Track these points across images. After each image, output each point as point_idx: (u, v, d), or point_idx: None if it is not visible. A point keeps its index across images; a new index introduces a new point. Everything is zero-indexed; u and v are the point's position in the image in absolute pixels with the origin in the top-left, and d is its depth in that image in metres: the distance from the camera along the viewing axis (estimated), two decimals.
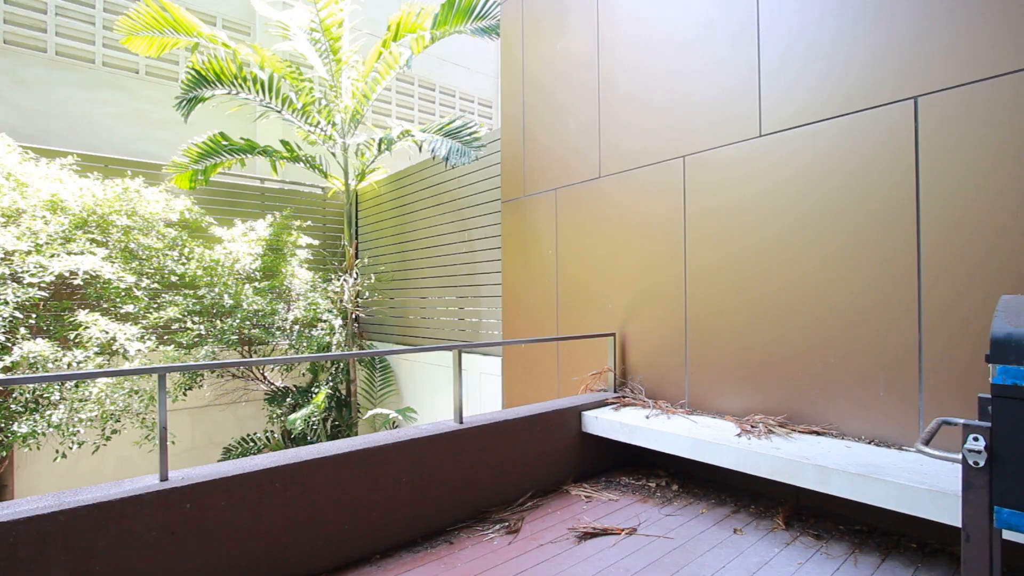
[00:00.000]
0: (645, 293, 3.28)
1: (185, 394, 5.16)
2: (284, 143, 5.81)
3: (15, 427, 3.80)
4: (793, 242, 2.61)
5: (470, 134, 4.92)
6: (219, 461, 6.03)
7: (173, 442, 4.84)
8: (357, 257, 6.60)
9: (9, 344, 3.75)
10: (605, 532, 2.27)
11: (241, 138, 5.55)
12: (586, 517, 2.45)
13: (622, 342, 3.42)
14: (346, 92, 5.89)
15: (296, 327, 5.79)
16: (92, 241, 4.45)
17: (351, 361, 6.34)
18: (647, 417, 2.89)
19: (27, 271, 3.91)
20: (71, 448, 4.10)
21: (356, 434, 6.39)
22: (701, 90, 2.98)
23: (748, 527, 2.33)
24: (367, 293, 6.52)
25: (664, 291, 3.17)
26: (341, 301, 6.13)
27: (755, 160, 2.75)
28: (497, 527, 2.36)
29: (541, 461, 2.83)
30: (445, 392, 5.89)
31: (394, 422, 6.09)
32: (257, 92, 5.30)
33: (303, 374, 6.74)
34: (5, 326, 3.76)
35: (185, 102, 5.15)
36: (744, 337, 2.78)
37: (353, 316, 6.29)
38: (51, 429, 3.96)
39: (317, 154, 6.32)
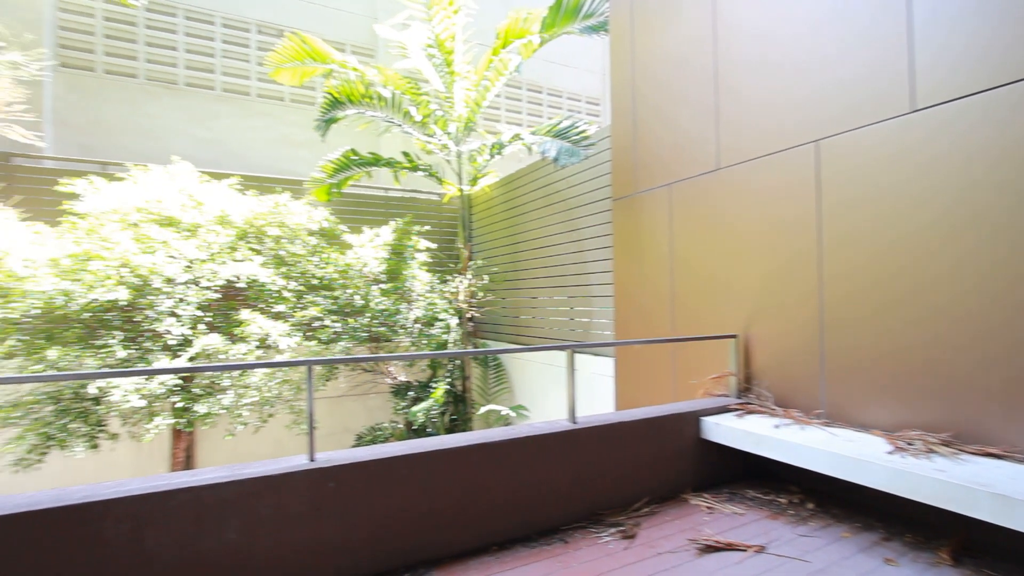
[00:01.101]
0: (772, 291, 3.03)
1: (324, 384, 5.76)
2: (405, 154, 6.25)
3: (196, 407, 4.51)
4: (953, 228, 2.25)
5: (579, 133, 4.91)
6: (352, 446, 6.64)
7: (316, 427, 5.43)
8: (471, 259, 6.89)
9: (192, 338, 4.46)
10: (730, 547, 2.14)
11: (368, 152, 6.07)
12: (707, 529, 2.32)
13: (745, 344, 3.19)
14: (459, 102, 6.17)
15: (417, 325, 6.19)
16: (251, 250, 5.14)
17: (466, 359, 6.63)
18: (776, 427, 2.67)
19: (204, 276, 4.63)
20: (238, 428, 4.77)
21: (471, 428, 6.68)
22: (836, 65, 2.69)
23: (903, 558, 2.06)
24: (481, 293, 6.77)
25: (795, 288, 2.90)
26: (457, 301, 6.44)
27: (904, 139, 2.42)
28: (612, 531, 2.33)
29: (657, 466, 2.74)
30: (556, 391, 5.94)
31: (507, 419, 6.26)
32: (382, 108, 5.76)
33: (423, 369, 7.19)
34: (190, 323, 4.49)
35: (323, 123, 5.76)
36: (893, 341, 2.46)
37: (468, 315, 6.57)
38: (222, 411, 4.64)
39: (434, 162, 6.71)
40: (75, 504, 1.70)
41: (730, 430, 2.74)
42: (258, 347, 4.83)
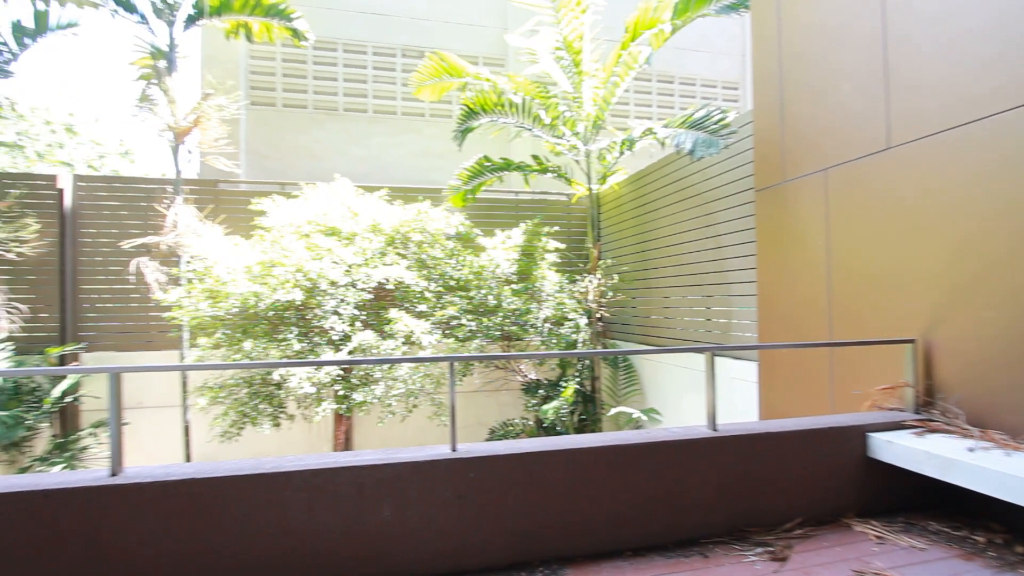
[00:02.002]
0: (963, 288, 2.56)
1: (460, 380, 6.13)
2: (534, 157, 6.40)
3: (354, 395, 5.08)
4: None
5: (718, 121, 4.60)
6: (486, 440, 6.95)
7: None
8: (600, 258, 6.82)
9: (351, 334, 5.03)
10: None
11: (500, 158, 6.32)
12: (878, 562, 2.04)
13: (926, 351, 2.73)
14: (587, 101, 6.15)
15: (547, 325, 6.30)
16: (397, 254, 5.66)
17: (595, 359, 6.58)
18: (970, 450, 2.25)
19: (360, 279, 5.20)
20: (387, 416, 5.28)
21: (600, 429, 6.61)
22: None
23: None
24: (610, 293, 6.68)
25: (995, 285, 2.42)
26: (586, 301, 6.43)
27: None
28: (759, 550, 2.16)
29: (811, 484, 2.47)
30: (690, 396, 5.63)
31: (638, 422, 6.10)
32: (513, 115, 5.97)
33: (552, 368, 7.29)
34: (349, 321, 5.07)
35: (459, 133, 6.13)
36: None
37: (597, 315, 6.52)
38: (375, 400, 5.17)
39: (562, 163, 6.77)
40: (266, 472, 2.02)
41: (907, 450, 2.37)
42: (404, 343, 5.29)
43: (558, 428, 6.35)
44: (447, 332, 5.92)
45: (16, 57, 5.56)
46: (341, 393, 5.07)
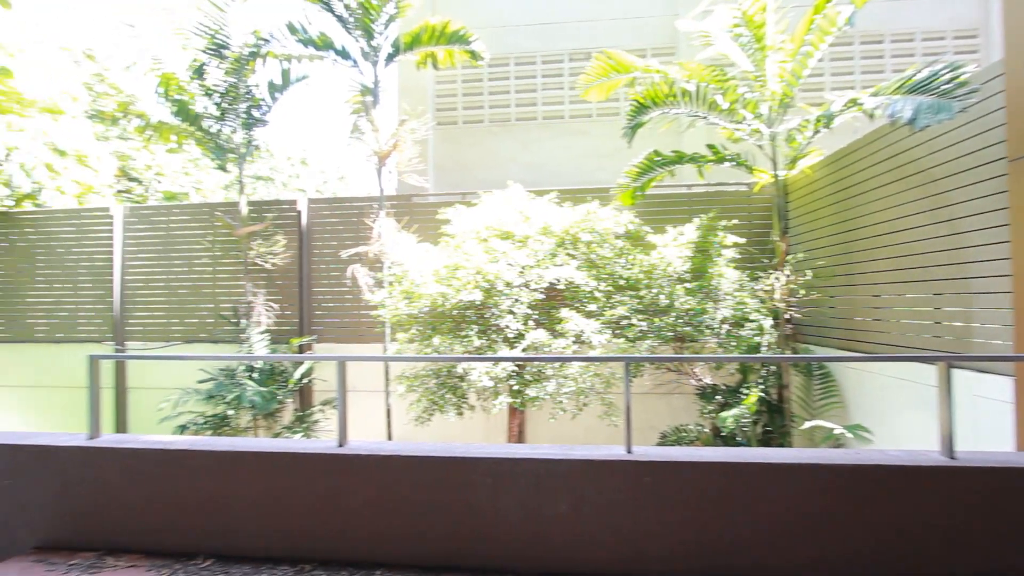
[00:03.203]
0: None
1: (631, 381, 6.01)
2: (710, 147, 5.98)
3: (527, 391, 5.34)
4: None
5: (951, 80, 3.77)
6: (656, 444, 6.71)
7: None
8: (788, 252, 6.10)
9: (524, 332, 5.30)
10: None
11: (671, 151, 6.05)
12: None
13: None
14: (772, 78, 5.55)
15: (724, 326, 5.84)
16: (567, 255, 5.78)
17: (784, 365, 5.90)
18: None
19: (532, 280, 5.44)
20: (558, 413, 5.43)
21: (789, 444, 5.90)
22: None
23: None
24: (802, 291, 5.93)
25: None
26: (771, 300, 5.80)
27: None
28: None
29: None
30: (909, 414, 4.70)
31: (839, 439, 5.30)
32: (686, 104, 5.67)
33: (731, 373, 6.72)
34: (522, 320, 5.34)
35: (629, 130, 6.03)
36: None
37: (785, 316, 5.84)
38: (546, 396, 5.35)
39: (742, 151, 6.21)
40: (456, 456, 2.23)
41: None
42: (574, 342, 5.39)
43: (738, 438, 5.84)
44: (617, 332, 5.86)
45: (270, 109, 7.07)
46: (516, 388, 5.36)
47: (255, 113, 7.02)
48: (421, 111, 8.37)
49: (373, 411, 6.92)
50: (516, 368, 5.36)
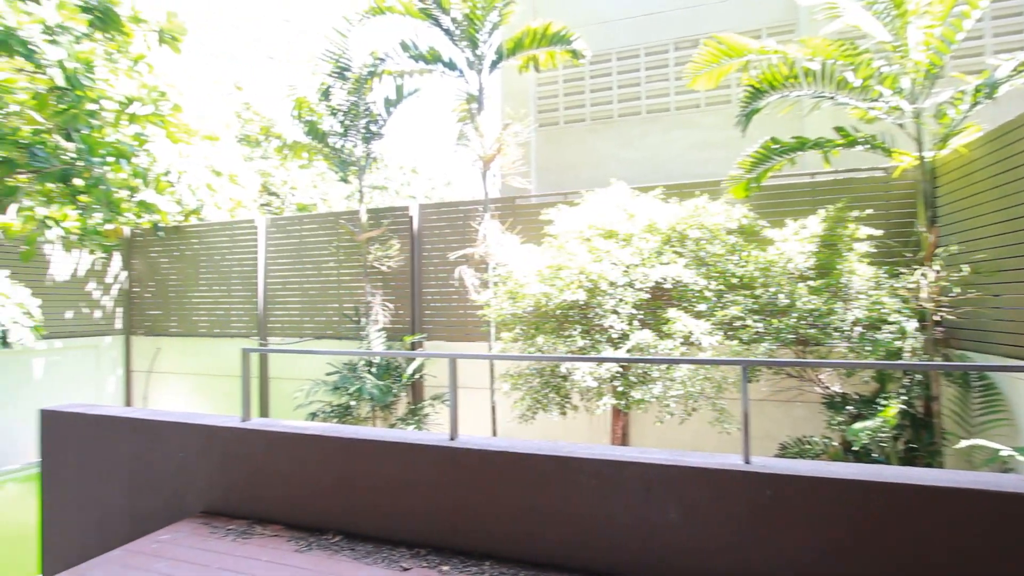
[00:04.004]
0: None
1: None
2: (838, 129, 5.41)
3: (632, 393, 5.21)
4: None
5: None
6: (775, 456, 6.21)
7: (739, 428, 5.36)
8: (937, 245, 5.33)
9: (629, 333, 5.18)
10: None
11: (791, 138, 5.57)
12: None
13: None
14: (915, 47, 4.89)
15: (857, 328, 5.25)
16: (674, 253, 5.55)
17: (933, 374, 5.18)
18: None
19: (637, 279, 5.30)
20: (666, 417, 5.24)
21: (940, 465, 5.16)
22: None
23: None
24: (956, 289, 5.15)
25: None
26: (916, 299, 5.11)
27: None
28: None
29: None
30: None
31: (1006, 462, 4.53)
32: (809, 85, 5.19)
33: (866, 381, 6.02)
34: (627, 320, 5.23)
35: (743, 118, 5.65)
36: None
37: (934, 317, 5.12)
38: (652, 399, 5.18)
39: (878, 131, 5.54)
40: (562, 455, 2.25)
41: None
42: (682, 344, 5.16)
43: (874, 455, 5.22)
44: (729, 334, 5.52)
45: (385, 122, 7.62)
46: (620, 389, 5.26)
47: (373, 128, 7.61)
48: (523, 114, 8.52)
49: (478, 407, 7.17)
50: (620, 369, 5.26)
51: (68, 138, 7.91)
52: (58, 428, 4.42)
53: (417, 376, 7.71)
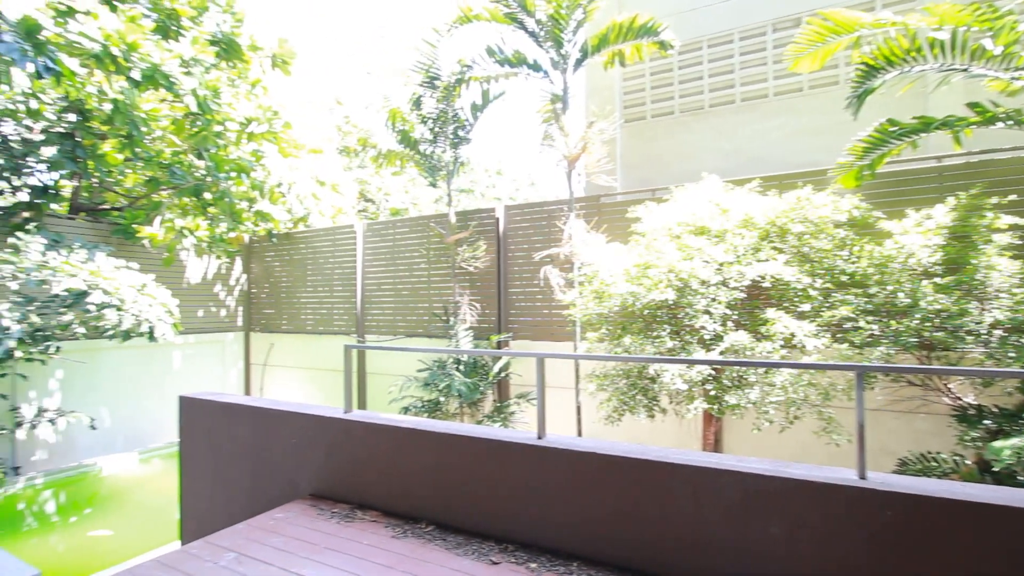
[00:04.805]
0: None
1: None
2: (972, 106, 4.77)
3: (727, 397, 4.94)
4: None
5: None
6: (893, 472, 5.59)
7: (850, 440, 4.90)
8: None
9: (722, 334, 4.92)
10: None
11: (913, 117, 4.99)
12: None
13: None
14: None
15: (996, 332, 4.60)
16: (773, 249, 5.19)
17: None
18: None
19: (731, 277, 5.02)
20: (764, 425, 4.91)
21: None
22: None
23: None
24: None
25: None
26: None
27: None
28: None
29: None
30: None
31: None
32: (935, 58, 4.63)
33: (1008, 392, 5.25)
34: (720, 320, 4.97)
35: (855, 99, 5.16)
36: None
37: None
38: (749, 404, 4.88)
39: (1023, 106, 4.81)
40: (654, 460, 2.19)
41: None
42: (782, 346, 4.81)
43: (1020, 477, 4.54)
44: (838, 336, 5.06)
45: (472, 127, 7.85)
46: (713, 393, 5.01)
47: (460, 133, 7.86)
48: (609, 110, 8.38)
49: (563, 407, 7.16)
50: (713, 372, 5.01)
51: (199, 157, 8.97)
52: (193, 412, 5.02)
53: (503, 375, 7.85)
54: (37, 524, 7.08)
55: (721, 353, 4.90)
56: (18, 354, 6.84)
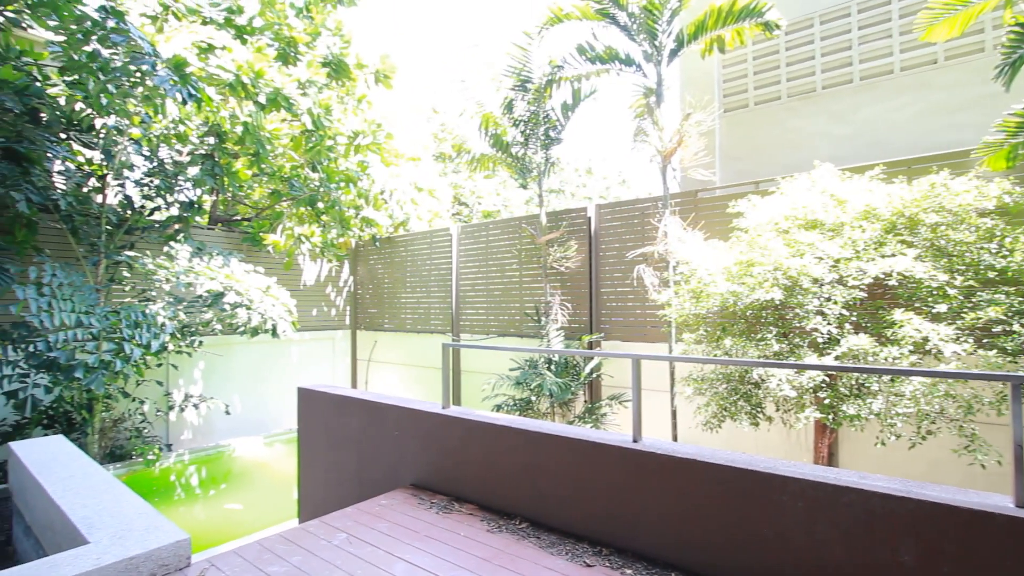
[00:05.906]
0: None
1: (1007, 410, 4.42)
2: None
3: (844, 407, 4.49)
4: None
5: None
6: None
7: (999, 461, 4.26)
8: None
9: (839, 337, 4.49)
10: None
11: None
12: None
13: None
14: None
15: None
16: (902, 242, 4.64)
17: None
18: None
19: (849, 275, 4.56)
20: (889, 438, 4.40)
21: None
22: None
23: None
24: None
25: None
26: None
27: None
28: None
29: None
30: None
31: None
32: None
33: None
34: (836, 322, 4.54)
35: (1006, 68, 4.48)
36: None
37: None
38: (871, 416, 4.40)
39: None
40: (760, 471, 2.05)
41: None
42: (911, 352, 4.28)
43: None
44: (984, 341, 4.41)
45: (563, 127, 7.85)
46: (827, 402, 4.58)
47: (552, 134, 7.89)
48: (707, 101, 7.98)
49: (657, 410, 6.92)
50: (827, 378, 4.58)
51: (314, 170, 9.84)
52: (310, 402, 5.51)
53: (595, 375, 7.76)
54: (184, 495, 8.16)
55: (837, 358, 4.47)
56: (171, 347, 7.95)
